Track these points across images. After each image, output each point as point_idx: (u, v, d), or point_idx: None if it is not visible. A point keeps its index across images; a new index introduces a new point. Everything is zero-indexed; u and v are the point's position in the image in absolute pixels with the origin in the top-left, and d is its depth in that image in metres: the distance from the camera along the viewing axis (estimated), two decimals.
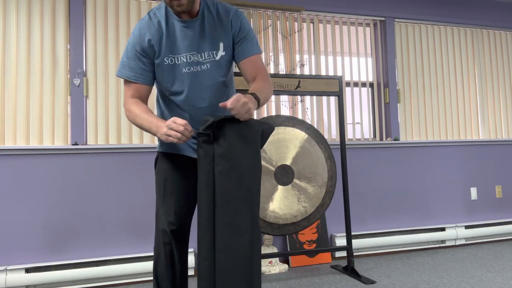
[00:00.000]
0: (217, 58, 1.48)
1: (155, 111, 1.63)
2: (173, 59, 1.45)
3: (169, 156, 1.55)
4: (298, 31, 3.37)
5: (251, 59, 1.51)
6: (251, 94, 1.37)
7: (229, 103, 1.23)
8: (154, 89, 1.60)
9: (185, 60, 1.45)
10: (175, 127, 1.28)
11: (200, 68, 1.46)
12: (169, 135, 1.28)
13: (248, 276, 1.27)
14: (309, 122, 3.16)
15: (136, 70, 1.44)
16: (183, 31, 1.45)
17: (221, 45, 1.48)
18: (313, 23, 3.47)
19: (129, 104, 1.44)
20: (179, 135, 1.28)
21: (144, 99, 1.48)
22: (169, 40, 1.44)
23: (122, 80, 2.92)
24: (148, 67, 1.45)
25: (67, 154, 2.72)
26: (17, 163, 2.63)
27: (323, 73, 3.42)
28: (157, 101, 1.62)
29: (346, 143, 3.26)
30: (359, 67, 3.54)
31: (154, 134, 1.37)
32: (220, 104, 1.25)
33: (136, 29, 1.45)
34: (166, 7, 1.46)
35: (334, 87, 2.78)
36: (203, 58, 1.46)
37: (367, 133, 3.56)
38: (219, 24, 1.48)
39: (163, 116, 1.57)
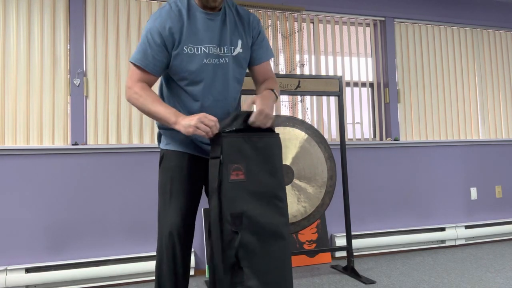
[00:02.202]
0: (234, 54, 1.50)
1: None
2: (192, 48, 1.45)
3: (176, 154, 1.53)
4: (298, 31, 3.37)
5: (267, 63, 1.61)
6: (271, 89, 1.50)
7: (253, 117, 1.36)
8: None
9: (206, 51, 1.46)
10: (207, 121, 1.31)
11: (219, 61, 1.48)
12: (199, 128, 1.31)
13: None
14: (309, 122, 3.16)
15: (150, 59, 1.42)
16: (207, 22, 1.46)
17: (240, 42, 1.51)
18: (313, 23, 3.47)
19: (138, 87, 1.42)
20: (208, 129, 1.32)
21: (150, 86, 1.49)
22: (190, 30, 1.44)
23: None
24: (162, 59, 1.44)
25: (67, 154, 2.72)
26: (17, 163, 2.63)
27: (323, 73, 3.42)
28: (160, 91, 1.60)
29: (346, 143, 3.26)
30: (359, 67, 3.54)
31: (168, 123, 1.38)
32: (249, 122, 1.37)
33: (156, 17, 1.43)
34: None
35: (334, 87, 2.78)
36: (222, 52, 1.48)
37: (367, 133, 3.56)
38: (239, 22, 1.52)
39: None
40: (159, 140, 1.62)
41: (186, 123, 1.32)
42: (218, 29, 1.48)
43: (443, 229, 3.42)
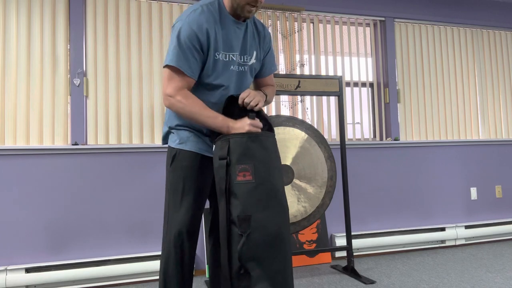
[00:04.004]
0: (249, 63, 1.58)
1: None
2: (225, 55, 1.49)
3: (188, 154, 1.53)
4: (298, 31, 3.37)
5: (271, 76, 1.74)
6: (260, 90, 1.62)
7: (242, 94, 1.46)
8: None
9: (234, 59, 1.51)
10: (258, 124, 1.41)
11: (241, 68, 1.55)
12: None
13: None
14: (309, 122, 3.16)
15: (191, 64, 1.42)
16: (236, 31, 1.51)
17: (254, 53, 1.59)
18: (313, 23, 3.47)
19: (181, 95, 1.41)
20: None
21: (189, 90, 1.50)
22: (224, 36, 1.47)
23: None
24: (199, 62, 1.45)
25: (67, 154, 2.72)
26: (17, 163, 2.63)
27: (323, 73, 3.42)
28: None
29: (346, 143, 3.26)
30: (359, 67, 3.54)
31: (220, 131, 1.42)
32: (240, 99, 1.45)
33: (193, 20, 1.41)
34: (219, 3, 1.48)
35: (334, 87, 2.78)
36: (243, 61, 1.55)
37: (367, 133, 3.56)
38: (256, 35, 1.60)
39: None
40: (165, 138, 1.62)
41: (239, 128, 1.39)
42: (242, 38, 1.53)
43: (443, 229, 3.42)
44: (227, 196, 1.30)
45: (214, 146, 1.41)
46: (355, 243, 3.13)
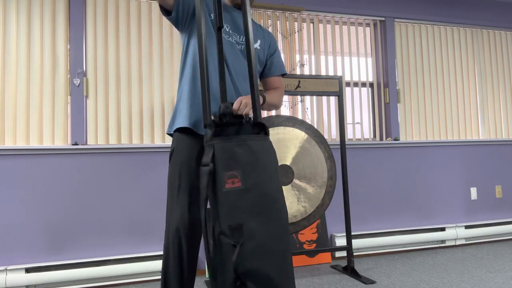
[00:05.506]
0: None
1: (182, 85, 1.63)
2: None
3: (185, 147, 1.50)
4: (298, 31, 3.37)
5: (278, 77, 1.77)
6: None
7: (235, 107, 1.39)
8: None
9: (227, 30, 1.59)
10: None
11: (237, 44, 1.61)
12: None
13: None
14: (309, 122, 3.16)
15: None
16: (233, 15, 1.63)
17: (259, 41, 1.68)
18: (313, 23, 3.47)
19: None
20: None
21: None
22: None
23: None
24: (186, 5, 1.54)
25: (67, 154, 2.72)
26: (17, 163, 2.63)
27: (323, 73, 3.42)
28: (187, 64, 1.60)
29: (346, 143, 3.26)
30: (359, 67, 3.54)
31: None
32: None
33: None
34: None
35: (334, 87, 2.78)
36: (241, 40, 1.62)
37: (367, 133, 3.56)
38: (261, 31, 1.72)
39: (194, 70, 1.57)
40: (170, 126, 1.60)
41: None
42: (242, 23, 1.63)
43: (443, 229, 3.42)
44: (217, 205, 1.22)
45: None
46: (355, 243, 3.13)
